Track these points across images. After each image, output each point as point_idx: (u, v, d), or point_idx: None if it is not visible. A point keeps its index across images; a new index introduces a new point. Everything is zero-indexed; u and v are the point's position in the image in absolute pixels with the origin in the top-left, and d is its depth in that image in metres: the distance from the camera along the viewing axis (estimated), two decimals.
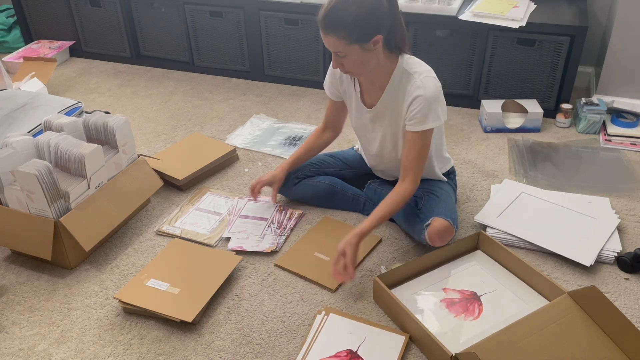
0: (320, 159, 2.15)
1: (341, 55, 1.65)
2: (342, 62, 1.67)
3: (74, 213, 1.82)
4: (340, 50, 1.63)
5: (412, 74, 1.72)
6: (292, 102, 2.96)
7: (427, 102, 1.68)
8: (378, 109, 1.82)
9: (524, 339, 1.42)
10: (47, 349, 1.61)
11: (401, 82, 1.74)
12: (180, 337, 1.63)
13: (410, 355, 1.57)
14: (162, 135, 2.68)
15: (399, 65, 1.73)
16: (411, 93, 1.71)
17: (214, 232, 2.02)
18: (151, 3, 3.19)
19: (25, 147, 1.88)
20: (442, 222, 1.79)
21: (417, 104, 1.69)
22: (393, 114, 1.80)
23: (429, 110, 1.69)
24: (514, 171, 2.34)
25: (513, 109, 2.68)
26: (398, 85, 1.75)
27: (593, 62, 3.00)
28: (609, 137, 2.53)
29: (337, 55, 1.66)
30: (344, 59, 1.66)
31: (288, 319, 1.69)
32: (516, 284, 1.75)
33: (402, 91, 1.74)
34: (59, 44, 3.48)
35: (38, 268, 1.90)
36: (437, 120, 1.72)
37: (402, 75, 1.74)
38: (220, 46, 3.17)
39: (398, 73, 1.74)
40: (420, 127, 1.71)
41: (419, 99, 1.69)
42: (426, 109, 1.69)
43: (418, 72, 1.72)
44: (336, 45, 1.62)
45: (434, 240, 1.81)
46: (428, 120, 1.70)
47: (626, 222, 2.03)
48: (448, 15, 2.66)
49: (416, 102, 1.69)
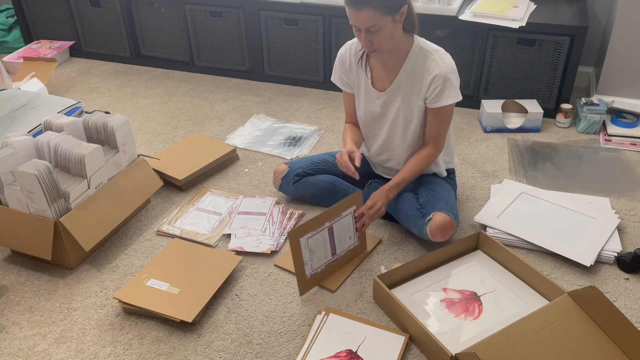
0: (321, 157, 2.15)
1: (374, 29, 1.64)
2: (372, 38, 1.67)
3: (74, 213, 1.82)
4: (375, 23, 1.63)
5: (430, 52, 1.78)
6: (292, 102, 2.96)
7: (448, 78, 1.75)
8: (392, 91, 1.85)
9: (524, 339, 1.42)
10: (47, 349, 1.61)
11: (418, 60, 1.79)
12: (180, 337, 1.63)
13: (410, 355, 1.57)
14: (162, 135, 2.68)
15: (415, 44, 1.79)
16: (432, 70, 1.76)
17: (214, 232, 2.02)
18: (151, 3, 3.20)
19: (25, 147, 1.88)
20: (444, 217, 1.80)
21: (440, 80, 1.76)
22: (409, 92, 1.83)
23: (452, 86, 1.77)
24: (514, 171, 2.34)
25: (513, 109, 2.68)
26: (415, 63, 1.79)
27: (593, 62, 3.00)
28: (609, 137, 2.53)
29: (368, 31, 1.65)
30: (375, 34, 1.66)
31: (288, 319, 1.69)
32: (516, 284, 1.75)
33: (419, 68, 1.79)
34: (59, 44, 3.48)
35: (38, 268, 1.90)
36: (457, 96, 1.79)
37: (420, 53, 1.79)
38: (220, 46, 3.17)
39: (415, 52, 1.79)
40: (445, 102, 1.78)
41: (440, 75, 1.75)
42: (449, 84, 1.76)
43: (435, 50, 1.79)
44: (371, 19, 1.62)
45: (436, 235, 1.81)
46: (451, 94, 1.78)
47: (626, 222, 2.03)
48: (448, 15, 2.66)
49: (438, 78, 1.76)
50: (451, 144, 2.01)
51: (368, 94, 1.90)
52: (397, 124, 1.90)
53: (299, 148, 2.53)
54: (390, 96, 1.86)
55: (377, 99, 1.89)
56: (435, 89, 1.77)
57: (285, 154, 2.48)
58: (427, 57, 1.77)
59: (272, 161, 2.44)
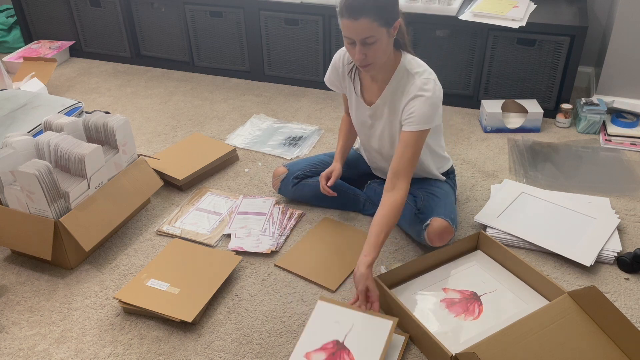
0: (320, 159, 2.15)
1: (370, 41, 1.59)
2: (366, 51, 1.61)
3: (74, 213, 1.82)
4: (372, 34, 1.57)
5: (413, 74, 1.72)
6: (292, 102, 2.96)
7: (423, 103, 1.67)
8: (377, 106, 1.82)
9: (524, 339, 1.42)
10: (47, 349, 1.61)
11: (402, 80, 1.74)
12: (180, 337, 1.63)
13: (410, 355, 1.57)
14: (162, 135, 2.68)
15: (401, 63, 1.74)
16: (410, 92, 1.70)
17: (214, 232, 2.02)
18: (151, 3, 3.19)
19: (25, 147, 1.88)
20: (442, 223, 1.80)
21: (415, 104, 1.69)
22: (391, 111, 1.80)
23: (425, 112, 1.68)
24: (514, 171, 2.34)
25: (513, 109, 2.68)
26: (399, 83, 1.75)
27: (593, 62, 3.00)
28: (609, 137, 2.53)
29: (363, 43, 1.60)
30: (371, 47, 1.60)
31: (288, 319, 1.69)
32: (516, 284, 1.75)
33: (401, 89, 1.74)
34: (59, 44, 3.48)
35: (38, 268, 1.90)
36: (430, 123, 1.70)
37: (404, 74, 1.74)
38: (220, 46, 3.17)
39: (400, 71, 1.74)
40: (416, 127, 1.69)
41: (416, 99, 1.68)
42: (423, 109, 1.68)
43: (419, 73, 1.72)
44: (368, 29, 1.57)
45: (434, 241, 1.81)
46: (423, 121, 1.69)
47: (626, 222, 2.03)
48: (448, 15, 2.66)
49: (414, 102, 1.69)
50: (440, 151, 1.97)
51: (358, 104, 1.88)
52: (385, 139, 1.88)
53: (299, 148, 2.53)
54: (376, 111, 1.83)
55: (367, 111, 1.86)
56: (408, 112, 1.69)
57: (285, 154, 2.48)
58: (409, 79, 1.71)
59: (272, 161, 2.44)
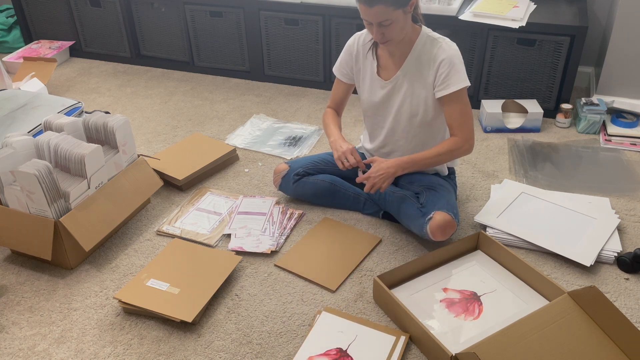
0: (321, 157, 2.15)
1: (386, 23, 1.69)
2: (384, 31, 1.71)
3: (74, 213, 1.82)
4: (387, 17, 1.67)
5: (436, 39, 1.81)
6: (292, 102, 2.96)
7: (454, 62, 1.77)
8: (397, 78, 1.86)
9: (524, 339, 1.42)
10: (47, 349, 1.61)
11: (425, 47, 1.81)
12: (180, 337, 1.63)
13: (410, 355, 1.57)
14: (162, 135, 2.68)
15: (422, 32, 1.82)
16: (439, 55, 1.78)
17: (214, 232, 2.02)
18: (151, 3, 3.20)
19: (25, 147, 1.88)
20: (444, 216, 1.80)
21: (446, 65, 1.77)
22: (415, 81, 1.85)
23: (460, 70, 1.78)
24: (514, 171, 2.34)
25: (513, 109, 2.68)
26: (422, 50, 1.82)
27: (593, 62, 3.00)
28: (609, 137, 2.53)
29: (380, 25, 1.69)
30: (387, 28, 1.70)
31: (288, 319, 1.69)
32: (516, 284, 1.75)
33: (426, 55, 1.81)
34: (59, 44, 3.48)
35: (38, 268, 1.90)
36: (465, 80, 1.79)
37: (427, 41, 1.81)
38: (220, 46, 3.17)
39: (422, 40, 1.82)
40: (456, 86, 1.78)
41: (446, 59, 1.77)
42: (458, 68, 1.77)
43: (442, 38, 1.81)
44: (383, 14, 1.66)
45: (436, 234, 1.82)
46: (461, 79, 1.78)
47: (626, 222, 2.03)
48: (448, 15, 2.66)
49: (444, 63, 1.77)
50: None
51: (373, 83, 1.92)
52: (402, 114, 1.90)
53: (299, 148, 2.53)
54: (395, 84, 1.87)
55: (382, 89, 1.90)
56: (442, 74, 1.78)
57: (285, 154, 2.48)
58: (434, 44, 1.80)
59: (272, 161, 2.44)
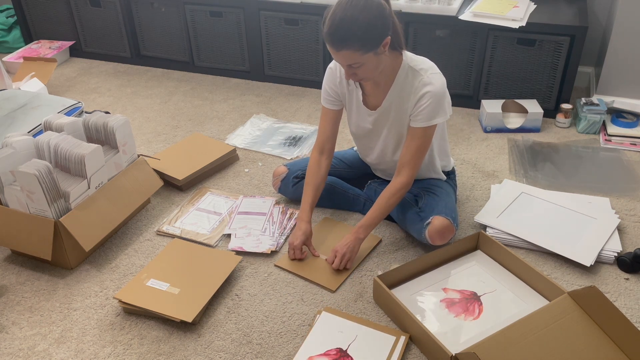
0: None
1: (356, 66, 1.61)
2: (355, 72, 1.64)
3: (74, 213, 1.82)
4: (356, 61, 1.59)
5: (417, 71, 1.73)
6: (292, 102, 2.96)
7: (435, 97, 1.69)
8: (383, 109, 1.81)
9: (524, 339, 1.42)
10: (47, 349, 1.61)
11: (407, 79, 1.74)
12: (180, 337, 1.63)
13: (410, 355, 1.57)
14: (162, 135, 2.68)
15: (404, 63, 1.74)
16: (419, 89, 1.71)
17: (214, 232, 2.02)
18: (151, 3, 3.19)
19: (25, 147, 1.88)
20: (443, 221, 1.80)
21: (426, 99, 1.70)
22: (398, 112, 1.80)
23: (437, 106, 1.71)
24: (514, 171, 2.34)
25: (513, 109, 2.68)
26: (404, 82, 1.75)
27: (593, 62, 3.00)
28: (609, 137, 2.53)
29: (350, 67, 1.62)
30: (359, 69, 1.63)
31: (288, 319, 1.69)
32: (516, 284, 1.75)
33: (408, 88, 1.74)
34: (59, 44, 3.48)
35: (38, 268, 1.90)
36: (444, 116, 1.74)
37: (408, 72, 1.74)
38: (220, 46, 3.17)
39: (404, 70, 1.74)
40: (427, 122, 1.72)
41: (427, 94, 1.69)
42: (435, 104, 1.70)
43: (424, 69, 1.72)
44: (351, 58, 1.59)
45: (435, 239, 1.81)
46: (436, 115, 1.72)
47: (626, 222, 2.03)
48: (448, 15, 2.66)
49: (424, 98, 1.70)
50: (446, 148, 1.99)
51: (360, 110, 1.87)
52: (390, 140, 1.88)
53: (299, 148, 2.53)
54: (381, 114, 1.83)
55: (369, 117, 1.85)
56: (420, 108, 1.70)
57: (285, 154, 2.48)
58: (415, 76, 1.72)
59: (272, 161, 2.44)
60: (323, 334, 1.60)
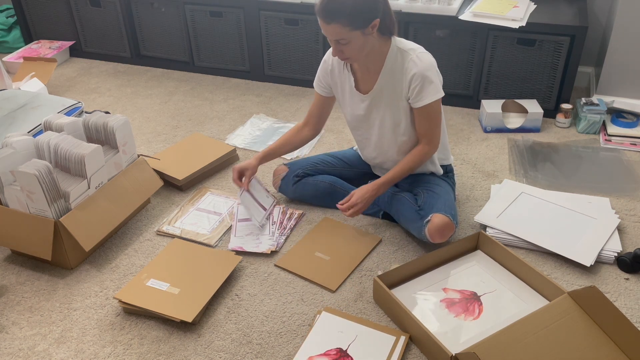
0: (320, 158, 2.15)
1: (343, 42, 1.68)
2: (342, 49, 1.70)
3: (74, 213, 1.82)
4: (343, 37, 1.66)
5: (406, 51, 1.78)
6: (292, 102, 2.96)
7: (426, 75, 1.74)
8: (375, 93, 1.85)
9: (524, 339, 1.42)
10: (47, 349, 1.61)
11: (397, 61, 1.79)
12: (180, 337, 1.63)
13: (410, 355, 1.57)
14: (162, 135, 2.68)
15: (392, 46, 1.78)
16: (410, 69, 1.76)
17: (214, 232, 2.02)
18: (151, 3, 3.20)
19: (25, 147, 1.88)
20: (442, 218, 1.80)
21: (418, 79, 1.75)
22: (392, 94, 1.83)
23: (431, 83, 1.75)
24: (514, 171, 2.34)
25: (513, 109, 2.68)
26: (394, 65, 1.79)
27: (593, 62, 3.00)
28: (609, 137, 2.53)
29: (337, 43, 1.69)
30: (345, 46, 1.69)
31: (288, 319, 1.69)
32: (516, 284, 1.75)
33: (399, 69, 1.79)
34: (59, 44, 3.48)
35: (38, 268, 1.90)
36: (437, 92, 1.78)
37: (397, 55, 1.79)
38: (220, 46, 3.17)
39: (392, 53, 1.79)
40: (426, 100, 1.77)
41: (418, 74, 1.74)
42: (428, 82, 1.75)
43: (413, 49, 1.78)
44: (339, 33, 1.65)
45: (434, 237, 1.82)
46: (431, 92, 1.76)
47: (626, 222, 2.03)
48: (448, 15, 2.66)
49: (416, 77, 1.75)
50: (445, 141, 2.00)
51: (353, 97, 1.90)
52: (386, 126, 1.89)
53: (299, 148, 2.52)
54: (374, 98, 1.86)
55: (362, 102, 1.89)
56: (415, 88, 1.76)
57: None
58: (405, 57, 1.78)
59: (272, 161, 2.44)
60: (323, 334, 1.60)
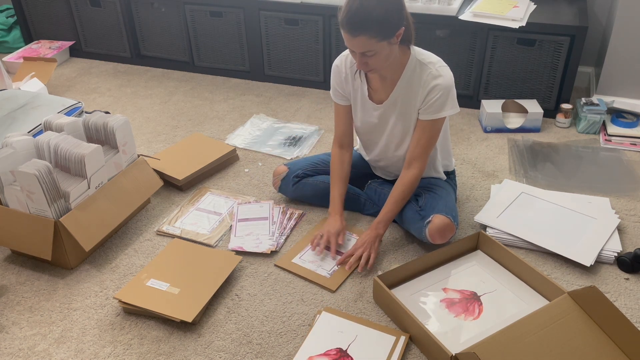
0: (320, 158, 2.15)
1: (370, 54, 1.63)
2: (367, 60, 1.65)
3: (74, 213, 1.82)
4: (371, 49, 1.61)
5: (426, 64, 1.75)
6: (292, 102, 2.96)
7: (445, 90, 1.73)
8: (389, 103, 1.83)
9: (524, 339, 1.42)
10: (47, 349, 1.61)
11: (415, 73, 1.76)
12: (180, 337, 1.63)
13: (410, 355, 1.57)
14: (162, 135, 2.68)
15: (412, 57, 1.76)
16: (428, 82, 1.74)
17: (214, 232, 2.02)
18: (151, 3, 3.19)
19: (25, 147, 1.88)
20: (443, 219, 1.80)
21: (436, 92, 1.73)
22: (405, 105, 1.81)
23: (447, 98, 1.74)
24: (514, 171, 2.34)
25: (513, 109, 2.68)
26: (412, 76, 1.77)
27: (593, 62, 3.00)
28: (609, 137, 2.53)
29: (364, 55, 1.64)
30: (371, 58, 1.64)
31: (288, 319, 1.69)
32: (516, 284, 1.75)
33: (416, 81, 1.76)
34: (59, 44, 3.48)
35: (38, 268, 1.90)
36: (454, 108, 1.76)
37: (416, 66, 1.76)
38: (220, 46, 3.17)
39: (412, 64, 1.76)
40: (436, 115, 1.76)
41: (437, 87, 1.72)
42: (445, 96, 1.73)
43: (432, 62, 1.75)
44: (366, 45, 1.60)
45: (435, 238, 1.81)
46: (445, 107, 1.75)
47: (626, 222, 2.03)
48: (448, 15, 2.66)
49: (435, 90, 1.73)
50: (449, 147, 2.00)
51: (365, 105, 1.88)
52: (395, 135, 1.88)
53: (299, 148, 2.53)
54: (387, 108, 1.84)
55: (374, 111, 1.87)
56: (435, 100, 1.73)
57: (285, 154, 2.48)
58: (423, 69, 1.74)
59: (272, 161, 2.44)
60: (323, 334, 1.60)
